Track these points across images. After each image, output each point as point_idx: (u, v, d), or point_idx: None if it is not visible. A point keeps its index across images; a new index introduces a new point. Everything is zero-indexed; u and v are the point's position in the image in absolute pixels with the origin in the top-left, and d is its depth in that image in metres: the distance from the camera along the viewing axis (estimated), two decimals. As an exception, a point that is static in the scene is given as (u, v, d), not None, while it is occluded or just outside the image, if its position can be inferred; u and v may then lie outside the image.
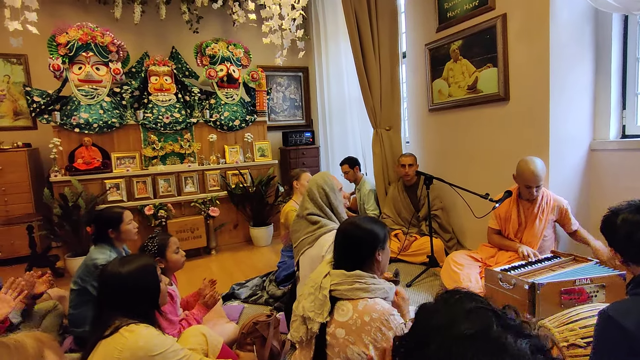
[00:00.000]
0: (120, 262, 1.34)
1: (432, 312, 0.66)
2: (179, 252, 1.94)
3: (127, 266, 1.32)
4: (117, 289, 1.29)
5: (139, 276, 1.32)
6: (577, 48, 2.55)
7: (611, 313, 1.04)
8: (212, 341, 1.59)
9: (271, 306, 2.52)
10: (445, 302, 0.66)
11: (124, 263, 1.33)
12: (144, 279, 1.33)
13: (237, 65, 4.32)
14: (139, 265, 1.34)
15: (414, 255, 3.15)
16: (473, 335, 0.57)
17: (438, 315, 0.63)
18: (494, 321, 0.59)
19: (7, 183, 3.70)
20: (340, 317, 1.26)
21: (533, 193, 2.33)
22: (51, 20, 3.88)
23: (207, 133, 4.15)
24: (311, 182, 2.04)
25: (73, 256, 3.27)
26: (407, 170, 3.37)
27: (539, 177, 2.29)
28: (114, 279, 1.29)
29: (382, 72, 3.66)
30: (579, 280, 1.91)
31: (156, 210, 3.66)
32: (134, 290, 1.30)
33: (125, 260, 1.36)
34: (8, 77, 4.04)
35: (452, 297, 0.66)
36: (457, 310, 0.63)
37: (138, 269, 1.33)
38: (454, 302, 0.65)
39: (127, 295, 1.28)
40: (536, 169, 2.29)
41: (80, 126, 3.60)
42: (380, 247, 1.37)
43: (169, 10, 4.31)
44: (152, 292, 1.35)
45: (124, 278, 1.29)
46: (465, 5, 2.98)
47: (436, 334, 0.60)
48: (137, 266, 1.33)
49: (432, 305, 0.68)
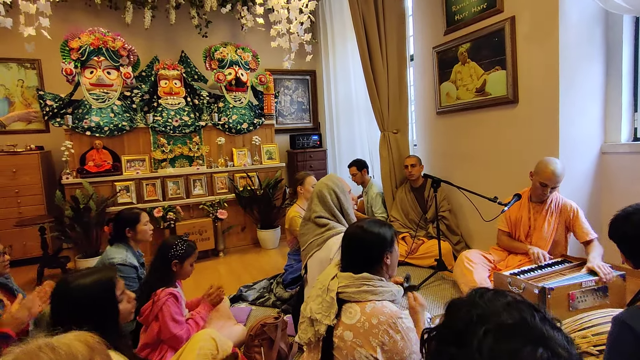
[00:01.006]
0: (76, 275, 1.19)
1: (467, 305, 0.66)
2: (193, 265, 1.97)
3: (81, 279, 1.17)
4: (67, 303, 1.14)
5: (93, 291, 1.16)
6: (587, 50, 2.53)
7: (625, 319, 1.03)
8: (222, 345, 1.57)
9: (278, 308, 2.53)
10: (481, 296, 0.67)
11: (80, 276, 1.19)
12: (97, 295, 1.17)
13: (245, 69, 4.36)
14: (95, 279, 1.19)
15: (421, 258, 3.14)
16: (515, 324, 0.59)
17: (476, 308, 0.64)
18: (533, 313, 0.61)
19: (20, 185, 3.77)
20: (348, 319, 1.26)
21: (546, 193, 2.28)
22: (64, 26, 3.95)
23: (216, 136, 4.19)
24: (320, 185, 2.03)
25: (83, 257, 3.32)
26: (411, 170, 3.40)
27: (558, 177, 2.24)
28: (66, 292, 1.15)
29: (389, 75, 3.66)
30: (585, 282, 1.92)
31: (165, 213, 3.70)
32: (86, 307, 1.14)
33: (82, 272, 1.21)
34: (22, 81, 4.13)
35: (486, 293, 0.68)
36: (495, 303, 0.64)
37: (92, 284, 1.17)
38: (490, 296, 0.66)
39: (78, 311, 1.13)
40: (556, 169, 2.23)
41: (92, 129, 3.66)
42: (389, 250, 1.37)
43: (179, 15, 4.37)
44: (105, 311, 1.18)
45: (76, 292, 1.14)
46: (473, 8, 2.97)
47: (476, 326, 0.60)
48: (92, 280, 1.18)
49: (465, 299, 0.69)
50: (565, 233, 2.35)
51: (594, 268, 1.98)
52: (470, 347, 0.59)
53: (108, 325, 1.17)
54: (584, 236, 2.24)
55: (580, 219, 2.28)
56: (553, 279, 2.04)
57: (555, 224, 2.33)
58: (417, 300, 1.45)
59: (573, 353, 0.57)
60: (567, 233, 2.36)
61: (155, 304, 1.75)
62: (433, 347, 0.68)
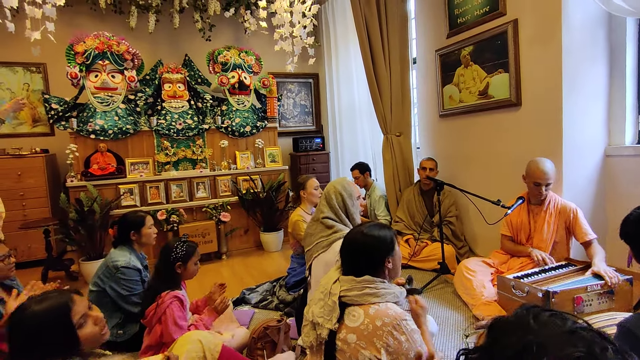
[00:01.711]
0: (32, 301, 1.11)
1: (520, 329, 0.57)
2: (197, 264, 1.97)
3: (36, 304, 1.08)
4: (21, 333, 1.05)
5: (45, 319, 1.07)
6: (591, 52, 2.52)
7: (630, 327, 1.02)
8: (208, 345, 1.52)
9: (281, 311, 2.53)
10: (535, 318, 0.57)
11: (34, 302, 1.09)
12: (49, 322, 1.07)
13: (248, 72, 4.38)
14: (47, 305, 1.08)
15: (424, 261, 3.13)
16: (581, 358, 0.50)
17: (530, 334, 0.55)
18: (604, 345, 0.52)
19: (25, 188, 3.80)
20: (351, 322, 1.26)
21: (542, 192, 2.30)
22: (69, 30, 3.99)
23: (219, 139, 4.20)
24: (329, 187, 2.03)
25: (87, 260, 3.33)
26: (428, 173, 3.32)
27: (548, 174, 2.28)
28: (20, 321, 1.07)
29: (392, 78, 3.67)
30: (590, 286, 1.90)
31: (168, 215, 3.71)
32: (39, 336, 1.05)
33: (38, 298, 1.11)
34: (28, 85, 4.17)
35: (542, 314, 0.58)
36: (554, 329, 0.55)
37: (44, 311, 1.07)
38: (547, 320, 0.57)
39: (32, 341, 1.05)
40: (545, 166, 2.28)
41: (96, 132, 3.69)
42: (390, 255, 1.36)
43: (183, 19, 4.40)
44: (61, 339, 1.08)
45: (30, 319, 1.05)
46: (475, 11, 2.98)
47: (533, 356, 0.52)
48: (44, 307, 1.08)
49: (515, 320, 0.59)
50: (567, 235, 2.34)
51: (599, 272, 1.96)
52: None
53: (65, 354, 1.08)
54: (583, 236, 2.24)
55: (579, 220, 2.28)
56: (557, 282, 2.03)
57: (555, 226, 2.33)
58: (419, 303, 1.44)
59: None
60: (568, 235, 2.35)
61: (159, 306, 1.76)
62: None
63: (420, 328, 1.39)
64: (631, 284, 1.95)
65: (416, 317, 1.38)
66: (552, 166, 2.32)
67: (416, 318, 1.37)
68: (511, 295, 2.04)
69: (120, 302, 2.07)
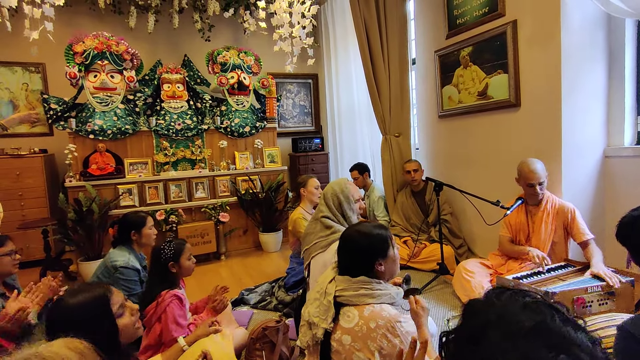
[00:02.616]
0: (71, 292, 1.12)
1: (485, 306, 0.63)
2: (191, 259, 1.98)
3: (74, 297, 1.09)
4: (61, 326, 1.02)
5: (85, 311, 1.08)
6: (590, 53, 2.53)
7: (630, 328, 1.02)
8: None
9: (280, 312, 2.52)
10: (498, 296, 0.64)
11: (74, 293, 1.11)
12: (91, 314, 1.08)
13: (247, 73, 4.38)
14: (86, 297, 1.10)
15: (424, 262, 3.13)
16: (534, 327, 0.56)
17: (493, 309, 0.61)
18: (553, 314, 0.58)
19: (24, 188, 3.79)
20: (346, 323, 1.25)
21: (537, 191, 2.31)
22: (68, 30, 3.99)
23: (218, 139, 4.20)
24: (327, 188, 2.03)
25: (86, 260, 3.33)
26: (414, 175, 3.39)
27: (538, 173, 2.30)
28: (60, 312, 1.07)
29: (391, 78, 3.67)
30: (590, 287, 1.89)
31: (167, 216, 3.70)
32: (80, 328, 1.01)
33: (76, 289, 1.13)
34: (27, 85, 4.16)
35: (504, 293, 0.65)
36: (513, 304, 0.61)
37: (84, 302, 1.09)
38: (507, 297, 0.63)
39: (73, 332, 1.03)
40: (534, 166, 2.31)
41: (95, 132, 3.68)
42: (381, 257, 1.33)
43: (182, 19, 4.40)
44: (102, 330, 1.09)
45: (70, 311, 1.06)
46: (475, 12, 2.98)
47: (493, 328, 0.58)
48: (83, 299, 1.09)
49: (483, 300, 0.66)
50: (565, 235, 2.34)
51: (599, 274, 1.96)
52: (487, 349, 0.56)
53: (108, 345, 1.07)
54: (581, 237, 2.24)
55: (577, 220, 2.28)
56: (556, 283, 2.02)
57: (553, 226, 2.33)
58: (419, 303, 1.43)
59: (598, 356, 0.54)
60: (566, 235, 2.35)
61: (159, 305, 1.75)
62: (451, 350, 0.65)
63: (420, 329, 1.38)
64: (633, 286, 1.94)
65: (416, 318, 1.37)
66: (542, 165, 2.35)
67: (416, 318, 1.36)
68: (510, 296, 2.04)
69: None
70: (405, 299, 1.40)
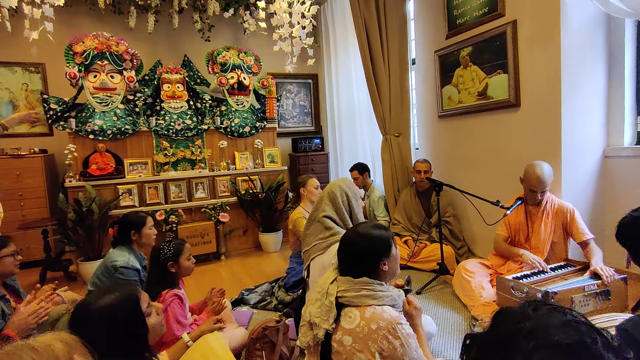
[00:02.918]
0: (97, 293, 1.10)
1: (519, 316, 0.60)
2: (191, 259, 1.98)
3: (103, 298, 1.07)
4: (92, 326, 1.03)
5: (118, 312, 1.07)
6: (589, 54, 2.53)
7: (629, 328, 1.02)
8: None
9: (280, 312, 2.52)
10: (535, 309, 0.61)
11: (101, 294, 1.09)
12: (122, 313, 1.07)
13: (247, 73, 4.38)
14: (117, 297, 1.09)
15: (423, 262, 3.13)
16: (571, 345, 0.52)
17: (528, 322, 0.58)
18: (595, 337, 0.54)
19: (24, 188, 3.79)
20: (347, 324, 1.25)
21: (537, 197, 2.33)
22: (68, 30, 3.99)
23: (218, 139, 4.20)
24: (333, 185, 1.98)
25: (86, 260, 3.32)
26: (423, 176, 3.34)
27: (544, 183, 2.28)
28: (89, 313, 1.05)
29: (391, 78, 3.67)
30: (587, 286, 1.91)
31: (167, 216, 3.70)
32: (112, 330, 1.04)
33: (102, 291, 1.12)
34: (26, 85, 4.16)
35: (542, 307, 0.61)
36: (551, 319, 0.58)
37: (116, 302, 1.08)
38: (546, 311, 0.60)
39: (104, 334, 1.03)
40: (542, 174, 2.28)
41: (95, 133, 3.68)
42: (385, 257, 1.34)
43: (182, 19, 4.40)
44: (135, 331, 1.09)
45: (99, 312, 1.04)
46: (474, 12, 2.98)
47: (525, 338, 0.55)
48: (115, 298, 1.08)
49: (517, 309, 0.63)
50: (564, 235, 2.35)
51: (597, 271, 1.97)
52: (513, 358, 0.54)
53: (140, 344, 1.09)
54: (581, 236, 2.24)
55: (576, 220, 2.28)
56: (556, 283, 2.03)
57: (552, 226, 2.33)
58: (412, 303, 1.42)
59: None
60: (566, 235, 2.35)
61: (160, 304, 1.75)
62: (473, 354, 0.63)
63: (415, 330, 1.38)
64: (626, 283, 1.96)
65: (410, 319, 1.36)
66: (550, 171, 2.31)
67: (410, 320, 1.35)
68: (510, 296, 2.04)
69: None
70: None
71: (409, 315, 1.38)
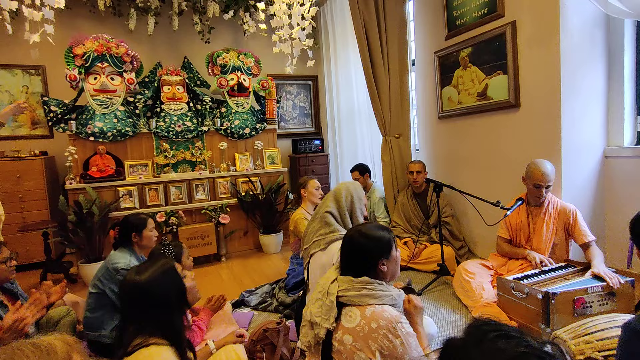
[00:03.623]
0: (138, 271, 1.26)
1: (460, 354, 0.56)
2: (190, 258, 2.01)
3: (145, 273, 1.24)
4: (141, 299, 1.21)
5: (162, 280, 1.25)
6: (589, 54, 2.53)
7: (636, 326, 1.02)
8: None
9: (281, 313, 2.52)
10: (480, 342, 0.56)
11: (142, 271, 1.26)
12: (167, 281, 1.26)
13: (247, 74, 4.38)
14: (158, 269, 1.27)
15: (424, 263, 3.12)
16: None
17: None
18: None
19: (24, 190, 3.79)
20: (348, 323, 1.26)
21: (542, 194, 2.30)
22: (68, 32, 3.99)
23: (218, 141, 4.20)
24: (340, 185, 2.04)
25: (86, 262, 3.33)
26: (416, 177, 3.35)
27: (548, 176, 2.28)
28: (136, 290, 1.22)
29: (391, 79, 3.67)
30: (590, 288, 1.89)
31: (167, 218, 3.70)
32: (159, 296, 1.22)
33: (143, 267, 1.28)
34: (27, 87, 4.17)
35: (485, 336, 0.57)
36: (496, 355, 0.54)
37: (158, 274, 1.26)
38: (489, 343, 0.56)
39: (153, 303, 1.21)
40: (545, 168, 2.29)
41: (95, 135, 3.68)
42: (385, 257, 1.35)
43: (182, 21, 4.41)
44: (178, 293, 1.28)
45: (146, 287, 1.22)
46: (474, 13, 2.98)
47: None
48: (155, 271, 1.26)
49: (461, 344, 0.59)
50: (566, 236, 2.34)
51: (600, 274, 1.96)
52: None
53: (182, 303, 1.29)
54: (582, 238, 2.24)
55: (578, 221, 2.28)
56: (557, 283, 2.02)
57: (554, 227, 2.33)
58: (412, 302, 1.42)
59: None
60: (567, 237, 2.34)
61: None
62: None
63: (415, 328, 1.38)
64: (633, 286, 1.94)
65: (409, 317, 1.36)
66: (552, 168, 2.32)
67: (409, 318, 1.35)
68: (511, 297, 2.04)
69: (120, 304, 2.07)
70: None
71: (408, 313, 1.39)
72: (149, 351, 1.11)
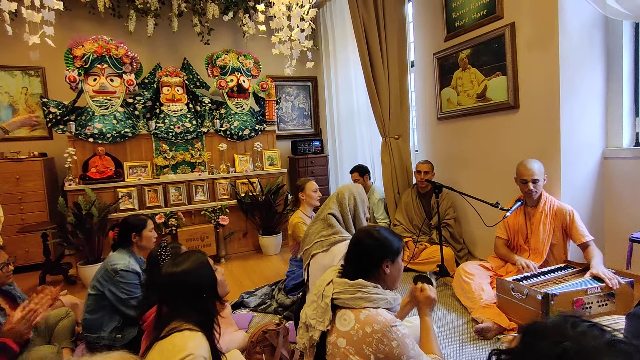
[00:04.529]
0: (174, 263, 1.35)
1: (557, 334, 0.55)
2: None
3: (182, 265, 1.33)
4: (177, 289, 1.29)
5: (197, 272, 1.33)
6: (588, 55, 2.54)
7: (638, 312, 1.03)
8: None
9: (280, 315, 2.52)
10: (574, 326, 0.56)
11: (179, 263, 1.35)
12: (201, 273, 1.34)
13: (247, 76, 4.38)
14: (194, 261, 1.36)
15: (423, 264, 3.12)
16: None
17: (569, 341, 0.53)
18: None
19: (23, 192, 3.79)
20: (342, 326, 1.25)
21: (530, 189, 2.32)
22: (68, 34, 4.00)
23: (218, 142, 4.20)
24: (343, 187, 2.04)
25: (85, 264, 3.32)
26: (423, 177, 3.33)
27: (532, 170, 2.31)
28: (173, 279, 1.30)
29: (390, 81, 3.68)
30: (590, 289, 1.89)
31: (167, 219, 3.70)
32: (194, 287, 1.30)
33: (179, 260, 1.37)
34: (26, 88, 4.17)
35: (581, 323, 0.57)
36: (594, 339, 0.54)
37: (195, 265, 1.34)
38: (586, 329, 0.56)
39: (188, 293, 1.29)
40: (528, 163, 2.34)
41: (94, 136, 3.68)
42: (390, 259, 1.35)
43: (181, 22, 4.41)
44: (210, 285, 1.36)
45: (183, 277, 1.31)
46: (473, 14, 2.99)
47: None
48: (192, 263, 1.35)
49: (551, 325, 0.58)
50: (564, 237, 2.34)
51: (599, 275, 1.96)
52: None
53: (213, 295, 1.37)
54: (580, 238, 2.24)
55: (576, 222, 2.28)
56: (556, 284, 2.02)
57: (552, 227, 2.33)
58: (425, 291, 1.40)
59: None
60: (565, 237, 2.35)
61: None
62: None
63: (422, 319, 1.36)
64: (632, 287, 1.94)
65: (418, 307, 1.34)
66: (539, 164, 2.37)
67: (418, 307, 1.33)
68: (510, 298, 2.04)
69: (119, 306, 2.07)
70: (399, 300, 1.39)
71: (417, 301, 1.37)
72: (182, 335, 1.18)
